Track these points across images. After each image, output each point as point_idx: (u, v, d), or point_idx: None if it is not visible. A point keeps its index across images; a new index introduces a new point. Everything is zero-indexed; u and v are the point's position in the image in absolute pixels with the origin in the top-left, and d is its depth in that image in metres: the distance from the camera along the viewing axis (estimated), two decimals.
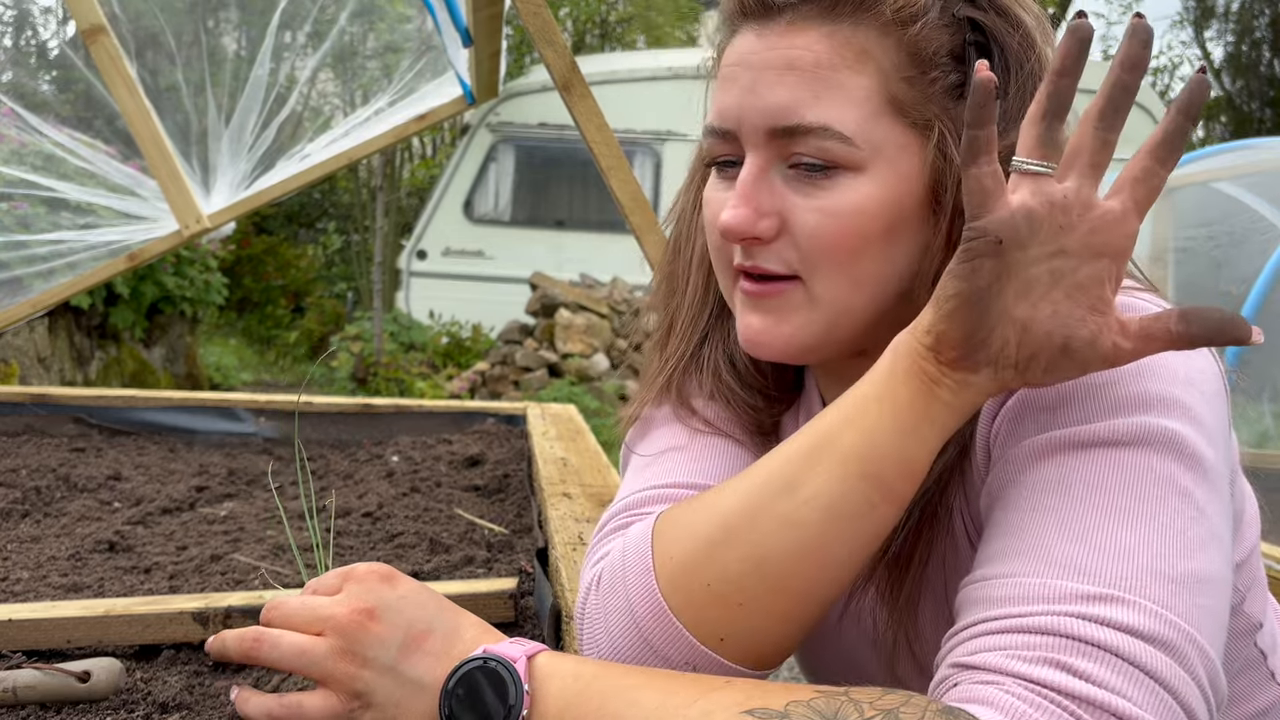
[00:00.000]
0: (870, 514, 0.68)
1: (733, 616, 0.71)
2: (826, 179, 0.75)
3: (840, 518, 0.68)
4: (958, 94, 0.76)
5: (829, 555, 0.69)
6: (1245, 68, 16.84)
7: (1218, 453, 0.67)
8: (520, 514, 1.62)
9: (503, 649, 0.69)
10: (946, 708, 0.56)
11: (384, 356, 7.69)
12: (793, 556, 0.69)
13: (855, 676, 0.86)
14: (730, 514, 0.71)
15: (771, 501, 0.69)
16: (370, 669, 0.70)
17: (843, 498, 0.68)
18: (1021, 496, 0.66)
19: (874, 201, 0.75)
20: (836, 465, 0.68)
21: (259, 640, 0.73)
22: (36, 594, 1.20)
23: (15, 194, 2.39)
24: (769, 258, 0.78)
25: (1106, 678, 0.56)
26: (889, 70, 0.75)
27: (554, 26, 1.64)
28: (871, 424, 0.67)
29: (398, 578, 0.75)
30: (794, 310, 0.78)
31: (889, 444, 0.67)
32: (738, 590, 0.70)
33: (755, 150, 0.77)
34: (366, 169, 11.24)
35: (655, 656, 0.73)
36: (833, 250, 0.75)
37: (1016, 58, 0.76)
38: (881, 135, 0.75)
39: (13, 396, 2.35)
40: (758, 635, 0.71)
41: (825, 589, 0.70)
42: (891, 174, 0.75)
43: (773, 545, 0.69)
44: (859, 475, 0.67)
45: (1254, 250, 4.35)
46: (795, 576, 0.69)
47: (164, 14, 2.49)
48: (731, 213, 0.76)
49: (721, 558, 0.71)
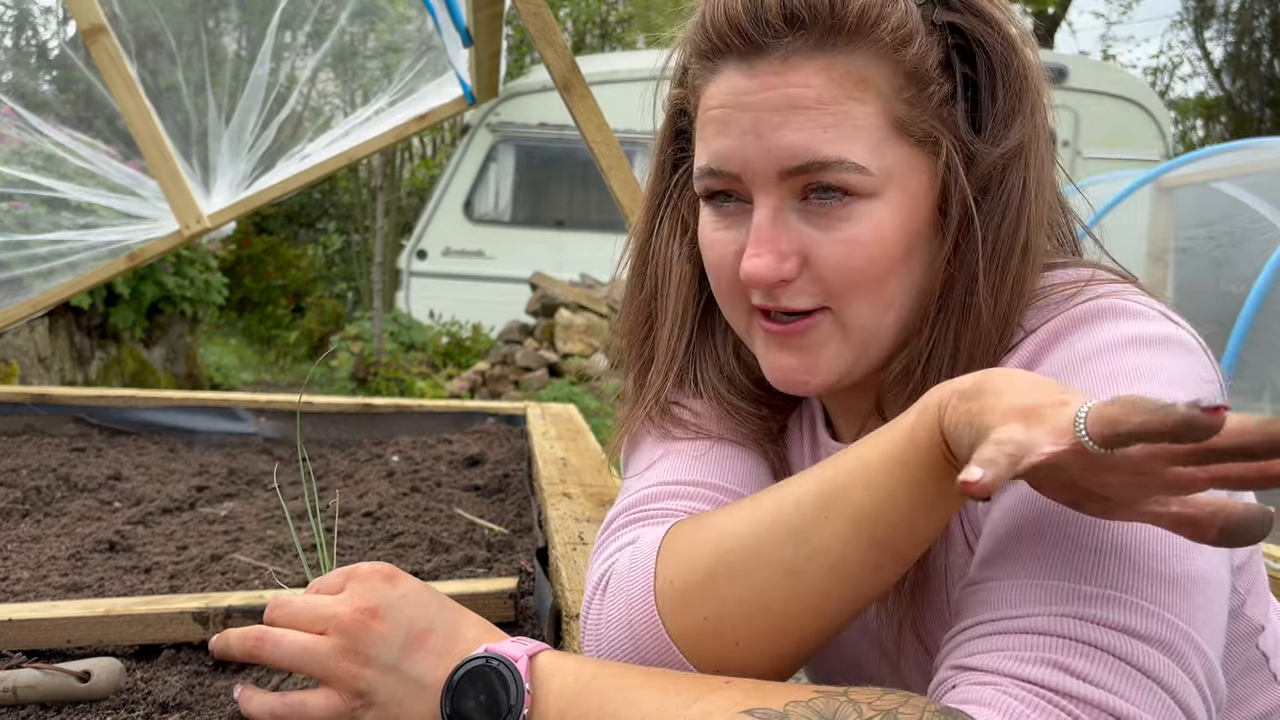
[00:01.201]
0: (875, 575, 0.68)
1: (728, 652, 0.71)
2: (843, 207, 0.74)
3: (844, 576, 0.67)
4: (950, 102, 0.76)
5: (828, 607, 0.68)
6: (1245, 68, 16.84)
7: None
8: (520, 514, 1.62)
9: (504, 648, 0.69)
10: (945, 708, 0.56)
11: (384, 356, 7.69)
12: (792, 605, 0.68)
13: (858, 677, 0.86)
14: (733, 552, 0.71)
15: (777, 548, 0.69)
16: (372, 668, 0.70)
17: (849, 557, 0.67)
18: (1016, 500, 0.66)
19: (892, 226, 0.74)
20: (847, 525, 0.66)
21: (262, 639, 0.73)
22: (37, 594, 1.20)
23: (15, 194, 2.39)
24: (794, 297, 0.77)
25: (1104, 677, 0.56)
26: (889, 94, 0.74)
27: (554, 26, 1.64)
28: (887, 490, 0.65)
29: (400, 577, 0.75)
30: (824, 344, 0.78)
31: (902, 513, 0.65)
32: (733, 629, 0.70)
33: (766, 192, 0.76)
34: (366, 169, 11.23)
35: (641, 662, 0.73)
36: (860, 279, 0.75)
37: (1001, 58, 0.76)
38: (891, 159, 0.74)
39: (13, 396, 2.36)
40: (750, 669, 0.71)
41: (821, 635, 0.70)
42: (903, 195, 0.75)
43: (773, 592, 0.69)
44: (869, 540, 0.66)
45: (1254, 250, 4.35)
46: (792, 623, 0.69)
47: (164, 14, 2.49)
48: (754, 261, 0.75)
49: (720, 593, 0.70)
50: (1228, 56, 17.21)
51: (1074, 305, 0.73)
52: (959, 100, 0.76)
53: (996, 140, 0.75)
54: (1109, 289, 0.74)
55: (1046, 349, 0.72)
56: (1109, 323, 0.70)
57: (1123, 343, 0.69)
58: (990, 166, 0.75)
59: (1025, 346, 0.73)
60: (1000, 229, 0.75)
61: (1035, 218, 0.76)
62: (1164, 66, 18.56)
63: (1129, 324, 0.70)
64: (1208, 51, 17.72)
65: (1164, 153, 8.63)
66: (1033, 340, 0.73)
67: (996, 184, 0.76)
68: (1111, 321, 0.71)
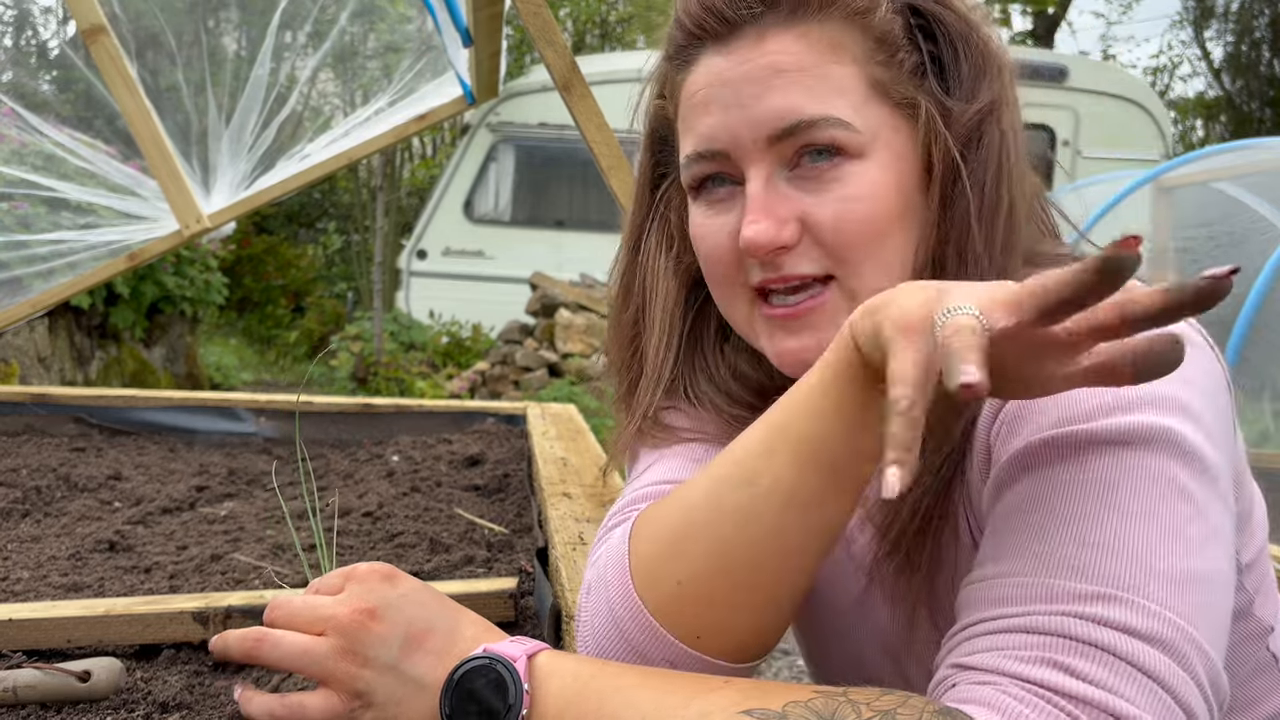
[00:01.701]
0: (831, 505, 0.69)
1: (703, 613, 0.72)
2: (834, 169, 0.76)
3: (801, 510, 0.68)
4: (921, 74, 0.79)
5: (790, 545, 0.69)
6: (1245, 68, 16.83)
7: (1218, 451, 0.66)
8: (520, 514, 1.62)
9: (503, 648, 0.69)
10: (943, 708, 0.56)
11: (384, 356, 7.69)
12: (756, 550, 0.69)
13: (863, 676, 0.86)
14: (694, 509, 0.72)
15: (733, 496, 0.70)
16: (371, 668, 0.70)
17: (800, 490, 0.68)
18: (1021, 497, 0.66)
19: (883, 185, 0.76)
20: (792, 458, 0.68)
21: (261, 640, 0.73)
22: (37, 594, 1.20)
23: (15, 194, 2.39)
24: (797, 263, 0.77)
25: (1104, 677, 0.56)
26: (863, 59, 0.77)
27: (554, 26, 1.64)
28: (822, 414, 0.66)
29: (399, 577, 0.75)
30: (831, 319, 0.78)
31: (841, 436, 0.66)
32: (707, 589, 0.71)
33: (756, 163, 0.77)
34: (366, 169, 11.23)
35: (636, 655, 0.74)
36: (860, 236, 0.76)
37: (960, 33, 0.79)
38: (875, 119, 0.76)
39: (13, 396, 2.36)
40: (730, 630, 0.72)
41: (789, 581, 0.71)
42: (890, 155, 0.77)
43: (735, 541, 0.70)
44: (815, 468, 0.67)
45: (1254, 250, 4.35)
46: (757, 570, 0.70)
47: (164, 14, 2.49)
48: (754, 228, 0.76)
49: (687, 553, 0.72)
50: (1228, 56, 17.21)
51: None
52: (928, 72, 0.79)
53: (968, 99, 0.78)
54: None
55: None
56: None
57: None
58: (968, 123, 0.78)
59: None
60: (984, 185, 0.77)
61: (1016, 175, 0.79)
62: (1164, 66, 18.57)
63: None
64: (1208, 51, 17.72)
65: (1164, 153, 8.63)
66: None
67: (975, 140, 0.78)
68: None
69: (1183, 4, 17.95)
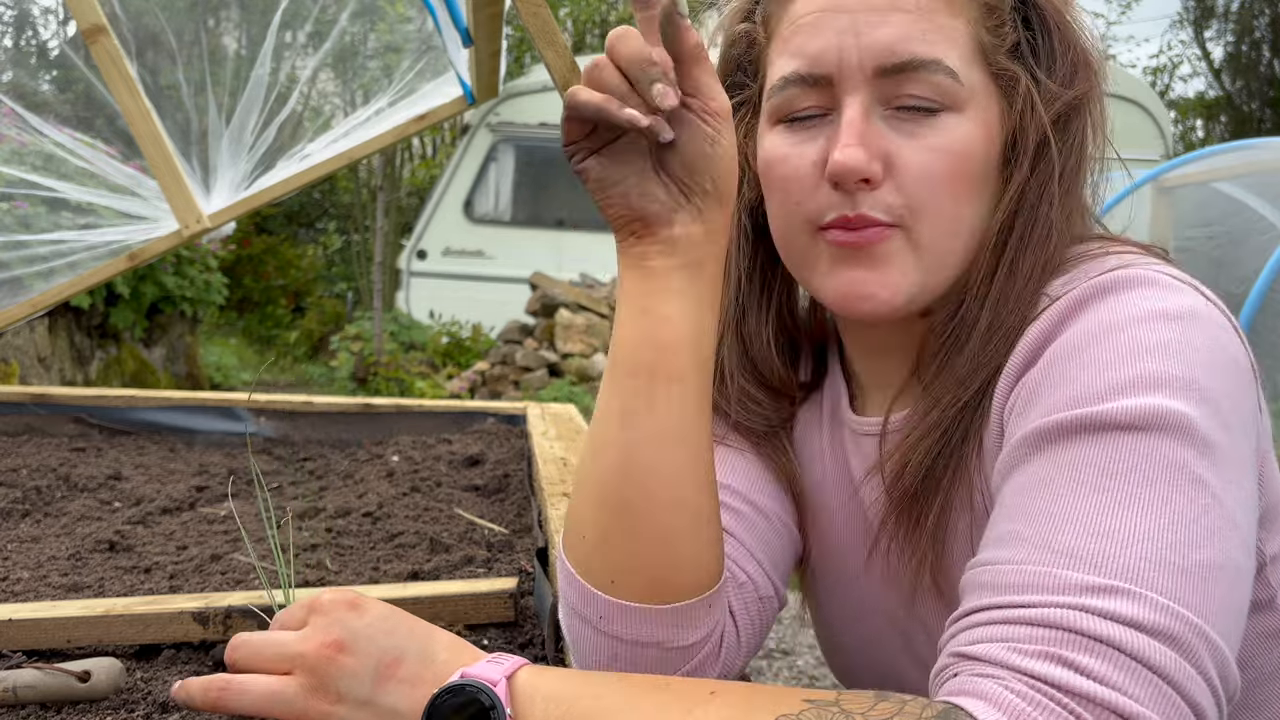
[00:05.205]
0: (650, 408, 0.74)
1: (604, 555, 0.76)
2: (930, 117, 0.76)
3: (629, 422, 0.74)
4: (1018, 52, 0.80)
5: (642, 461, 0.74)
6: (1245, 68, 16.83)
7: (1235, 437, 0.65)
8: (520, 514, 1.62)
9: (480, 671, 0.66)
10: (943, 709, 0.55)
11: (384, 356, 7.69)
12: (617, 476, 0.74)
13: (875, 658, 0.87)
14: (581, 464, 0.78)
15: (600, 433, 0.77)
16: (345, 704, 0.67)
17: (625, 400, 0.75)
18: (1029, 480, 0.65)
19: (975, 142, 0.77)
20: (608, 377, 0.76)
21: (226, 689, 0.69)
22: (36, 594, 1.20)
23: (15, 194, 2.39)
24: (874, 204, 0.77)
25: (1108, 673, 0.55)
26: (975, 19, 0.78)
27: (554, 26, 1.64)
28: (617, 323, 0.75)
29: (364, 603, 0.72)
30: (895, 259, 0.78)
31: (632, 332, 0.74)
32: (596, 529, 0.76)
33: (856, 93, 0.77)
34: (366, 169, 11.23)
35: (583, 623, 0.78)
36: (940, 190, 0.76)
37: (1059, 23, 0.81)
38: (976, 79, 0.78)
39: (13, 396, 2.36)
40: (631, 567, 0.75)
41: (662, 498, 0.74)
42: (982, 119, 0.78)
43: (603, 474, 0.75)
44: (626, 373, 0.74)
45: (1254, 250, 4.35)
46: (629, 494, 0.74)
47: (164, 14, 2.49)
48: (847, 151, 0.75)
49: (580, 504, 0.77)
50: (1228, 56, 17.20)
51: (1100, 273, 0.72)
52: (1025, 52, 0.80)
53: (1066, 85, 0.80)
54: (1134, 259, 0.74)
55: (1070, 316, 0.71)
56: (1133, 292, 0.69)
57: (1147, 315, 0.67)
58: (1061, 106, 0.79)
59: (1049, 314, 0.72)
60: (1065, 167, 0.79)
61: (1092, 164, 0.82)
62: (1164, 66, 18.55)
63: (1153, 295, 0.69)
64: (1208, 51, 17.72)
65: (1164, 153, 8.63)
66: (1056, 308, 0.72)
67: (1065, 123, 0.80)
68: (1136, 291, 0.69)
69: (1183, 4, 17.95)
